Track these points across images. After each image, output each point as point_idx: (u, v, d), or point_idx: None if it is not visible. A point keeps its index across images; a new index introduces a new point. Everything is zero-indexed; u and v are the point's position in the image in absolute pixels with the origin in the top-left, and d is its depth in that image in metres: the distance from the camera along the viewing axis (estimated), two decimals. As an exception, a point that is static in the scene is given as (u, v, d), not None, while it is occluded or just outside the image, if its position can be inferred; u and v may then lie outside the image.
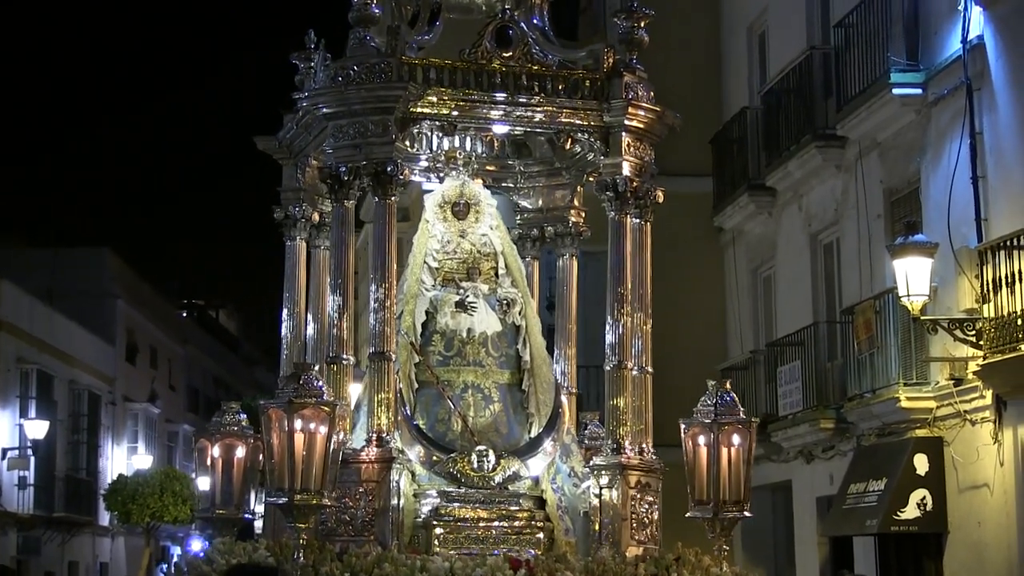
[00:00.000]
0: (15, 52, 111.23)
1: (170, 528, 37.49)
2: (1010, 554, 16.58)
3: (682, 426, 9.36)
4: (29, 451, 32.92)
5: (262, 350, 65.76)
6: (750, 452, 9.38)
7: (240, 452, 9.80)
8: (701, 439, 9.10)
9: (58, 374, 36.32)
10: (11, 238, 41.28)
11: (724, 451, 9.07)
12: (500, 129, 9.99)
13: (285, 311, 10.64)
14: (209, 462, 10.01)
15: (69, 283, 38.69)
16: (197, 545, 32.78)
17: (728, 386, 9.73)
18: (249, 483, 10.13)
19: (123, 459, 41.92)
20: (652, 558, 8.93)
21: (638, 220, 9.73)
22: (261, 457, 9.33)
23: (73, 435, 38.14)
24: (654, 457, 9.60)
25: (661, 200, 10.22)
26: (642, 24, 9.68)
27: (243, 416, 10.06)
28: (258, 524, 16.64)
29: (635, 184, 9.56)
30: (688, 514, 9.36)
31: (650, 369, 9.74)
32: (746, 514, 9.57)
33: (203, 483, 10.87)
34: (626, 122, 9.51)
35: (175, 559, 32.76)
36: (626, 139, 9.55)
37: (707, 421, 9.13)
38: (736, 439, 9.10)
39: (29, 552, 34.39)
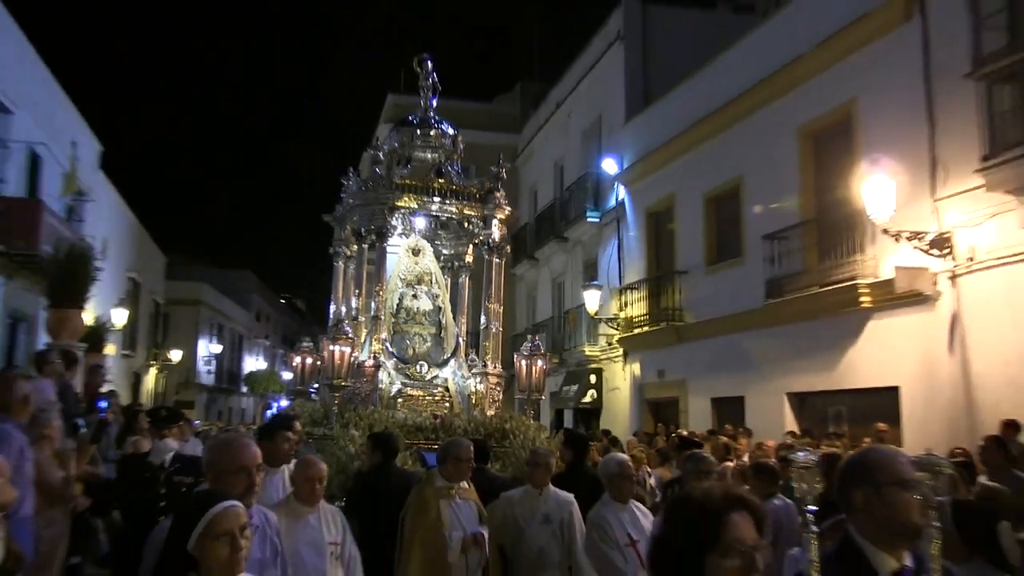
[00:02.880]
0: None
1: (271, 395, 40.06)
2: (625, 418, 17.40)
3: (515, 355, 9.03)
4: (212, 358, 36.26)
5: (316, 320, 64.28)
6: (546, 369, 8.98)
7: (309, 360, 9.76)
8: (524, 361, 8.78)
9: (226, 325, 39.31)
10: (210, 261, 43.14)
11: (534, 367, 8.76)
12: (437, 213, 9.45)
13: (332, 298, 10.04)
14: (298, 362, 9.99)
15: (232, 284, 41.06)
16: (285, 402, 33.31)
17: (537, 339, 9.31)
18: (312, 375, 9.84)
19: (253, 364, 44.54)
20: (499, 416, 8.71)
21: (498, 260, 9.38)
22: (318, 363, 9.35)
23: (232, 352, 40.93)
24: (500, 369, 9.30)
25: (509, 252, 9.89)
26: (503, 172, 9.45)
27: (310, 344, 10.01)
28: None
29: (498, 243, 9.34)
30: (516, 396, 9.08)
31: (501, 329, 9.37)
32: (542, 397, 9.14)
33: (287, 375, 10.56)
34: (496, 214, 9.25)
35: (274, 408, 33.95)
36: (495, 222, 9.29)
37: (526, 353, 8.83)
38: (539, 362, 8.80)
39: (210, 403, 36.81)
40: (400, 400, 8.76)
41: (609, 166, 18.78)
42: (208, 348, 36.42)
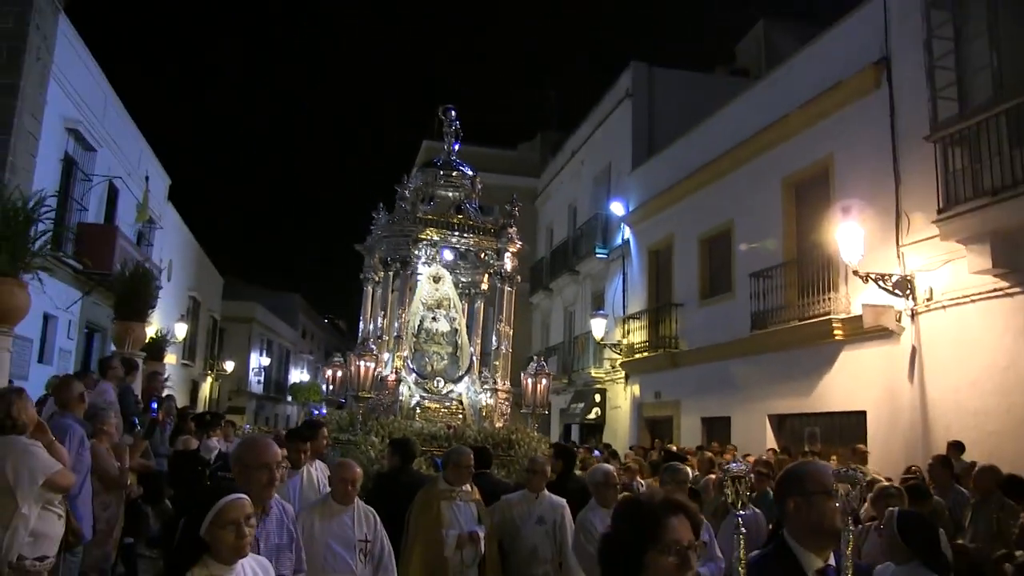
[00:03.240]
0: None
1: (312, 404, 38.77)
2: (625, 433, 17.23)
3: (522, 374, 8.92)
4: (262, 370, 36.67)
5: (355, 338, 63.15)
6: (549, 386, 8.97)
7: (340, 373, 9.84)
8: (530, 379, 8.72)
9: (274, 340, 39.47)
10: (262, 283, 43.03)
11: (539, 385, 8.68)
12: (456, 246, 9.27)
13: (361, 317, 9.96)
14: (329, 375, 10.22)
15: (281, 305, 41.17)
16: (325, 410, 33.40)
17: (541, 359, 9.54)
18: (342, 387, 9.60)
19: (298, 376, 44.40)
20: (506, 427, 8.50)
21: (509, 289, 9.15)
22: (347, 375, 8.96)
23: (279, 365, 40.84)
24: (509, 385, 9.04)
25: (519, 282, 9.68)
26: (516, 210, 9.26)
27: (340, 359, 10.09)
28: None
29: (509, 273, 9.12)
30: (522, 411, 8.86)
31: (511, 350, 9.11)
32: (546, 412, 9.12)
33: (324, 386, 10.51)
34: (508, 247, 9.10)
35: (314, 414, 33.76)
36: (507, 254, 9.11)
37: (532, 372, 8.76)
38: (543, 381, 8.75)
39: (259, 410, 37.15)
40: (418, 411, 8.66)
41: (616, 208, 18.84)
42: (258, 361, 36.97)
